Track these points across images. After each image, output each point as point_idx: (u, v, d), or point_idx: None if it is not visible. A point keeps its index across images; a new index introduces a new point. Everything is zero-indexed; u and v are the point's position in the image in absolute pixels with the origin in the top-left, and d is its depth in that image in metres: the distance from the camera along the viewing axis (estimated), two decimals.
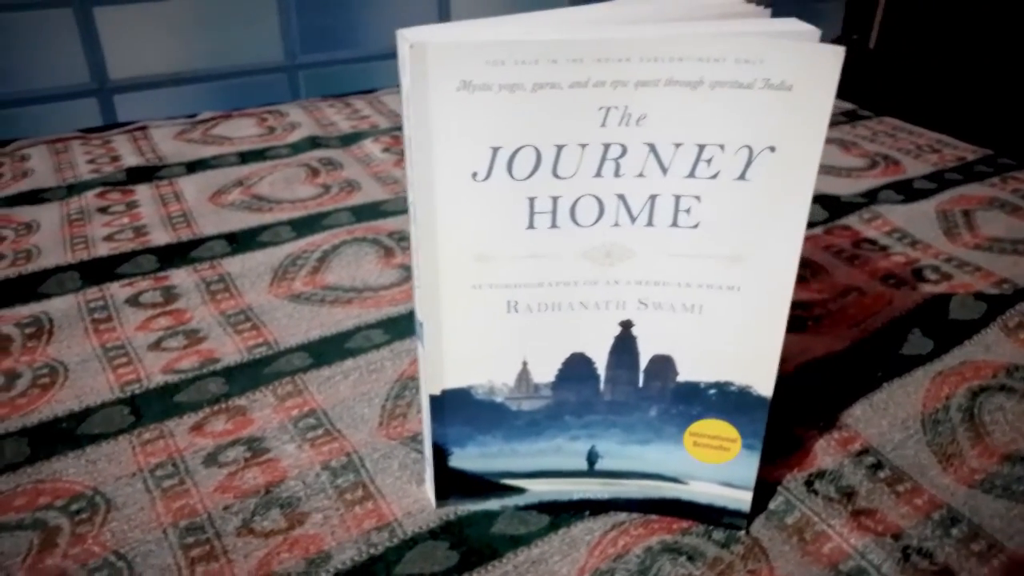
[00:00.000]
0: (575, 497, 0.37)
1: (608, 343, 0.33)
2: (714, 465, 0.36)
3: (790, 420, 0.43)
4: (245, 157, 0.75)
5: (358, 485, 0.39)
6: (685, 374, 0.34)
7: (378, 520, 0.37)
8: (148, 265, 0.57)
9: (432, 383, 0.34)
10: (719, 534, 0.36)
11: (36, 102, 0.86)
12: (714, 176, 0.29)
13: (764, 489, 0.38)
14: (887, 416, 0.44)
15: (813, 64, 0.27)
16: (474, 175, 0.29)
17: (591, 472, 0.37)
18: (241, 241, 0.60)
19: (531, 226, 0.30)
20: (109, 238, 0.61)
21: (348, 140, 0.80)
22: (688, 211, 0.30)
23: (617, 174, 0.30)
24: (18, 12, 0.82)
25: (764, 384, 0.33)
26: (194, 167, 0.73)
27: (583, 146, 0.29)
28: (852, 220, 0.65)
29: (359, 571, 0.34)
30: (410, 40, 0.27)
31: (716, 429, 0.35)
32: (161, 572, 0.34)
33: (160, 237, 0.61)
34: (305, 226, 0.63)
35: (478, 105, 0.28)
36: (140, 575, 0.34)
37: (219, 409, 0.43)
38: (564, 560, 0.35)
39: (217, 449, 0.41)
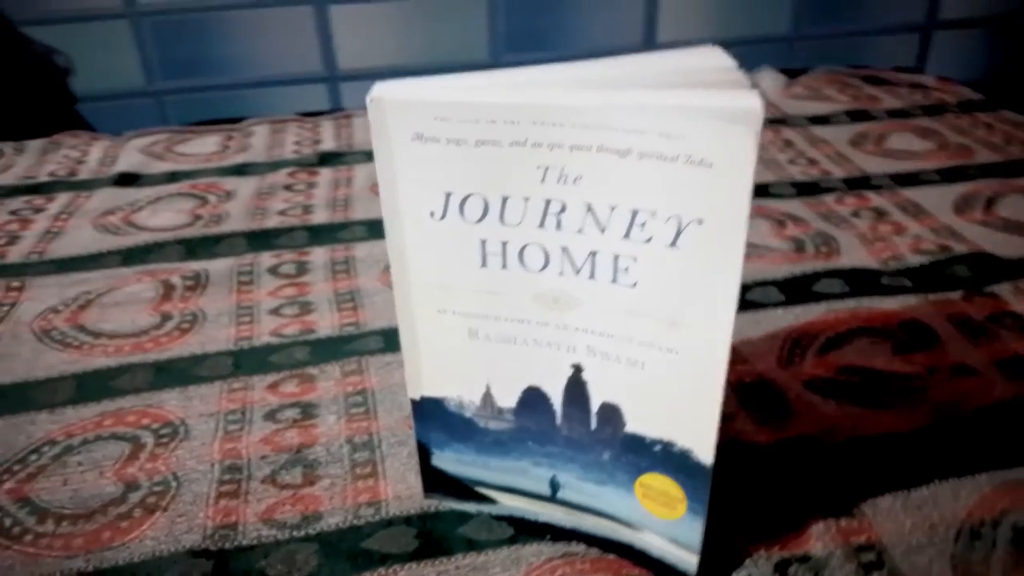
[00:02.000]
0: (540, 519, 0.40)
1: (562, 382, 0.35)
2: (663, 520, 0.36)
3: (798, 493, 0.41)
4: None
5: (369, 463, 0.44)
6: (632, 426, 0.35)
7: (371, 496, 0.42)
8: (300, 240, 0.67)
9: (413, 389, 0.38)
10: None
11: (273, 85, 1.02)
12: (648, 241, 0.30)
13: (731, 557, 0.38)
14: (917, 515, 0.40)
15: (729, 143, 0.27)
16: (432, 214, 0.33)
17: (554, 499, 0.39)
18: (377, 229, 0.68)
19: (484, 265, 0.33)
20: (282, 213, 0.72)
21: None
22: (627, 270, 0.31)
23: (559, 228, 0.31)
24: (263, 9, 0.98)
25: (704, 451, 0.33)
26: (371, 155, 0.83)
27: (526, 199, 0.31)
28: (1003, 289, 0.57)
29: (336, 535, 0.40)
30: (373, 94, 0.31)
31: (663, 484, 0.35)
32: (195, 496, 0.42)
33: (320, 217, 0.71)
34: None
35: (430, 154, 0.31)
36: (182, 496, 0.42)
37: (295, 374, 0.51)
38: (502, 574, 0.37)
39: (279, 407, 0.48)
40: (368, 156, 0.82)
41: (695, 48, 0.33)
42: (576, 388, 0.35)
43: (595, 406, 0.35)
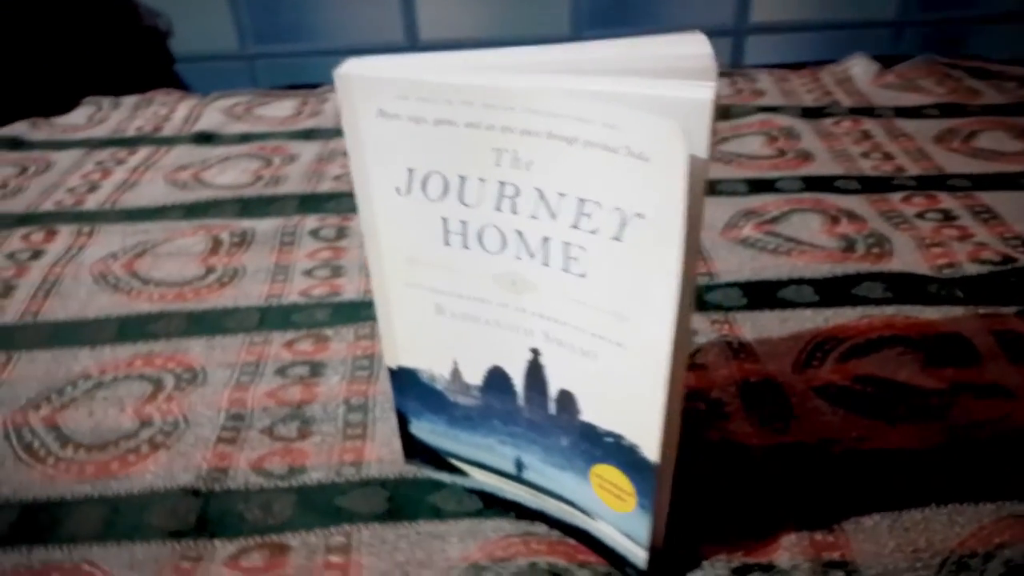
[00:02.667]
0: (508, 496, 0.40)
1: (523, 365, 0.35)
2: (615, 511, 0.36)
3: (778, 501, 0.40)
4: None
5: (360, 425, 0.46)
6: (586, 415, 0.34)
7: (355, 457, 0.44)
8: (345, 206, 0.69)
9: (389, 358, 0.39)
10: None
11: (356, 53, 1.04)
12: (594, 232, 0.30)
13: (688, 557, 0.37)
14: (902, 538, 0.38)
15: (661, 138, 0.26)
16: (397, 189, 0.33)
17: (519, 479, 0.39)
18: None
19: (447, 243, 0.34)
20: (336, 178, 0.74)
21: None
22: (576, 260, 0.31)
23: (514, 211, 0.31)
24: None
25: (649, 449, 0.32)
26: None
27: (482, 180, 0.31)
28: None
29: (315, 489, 0.42)
30: (340, 70, 0.32)
31: (614, 477, 0.35)
32: (196, 439, 0.45)
33: None
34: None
35: (393, 131, 0.32)
36: (186, 437, 0.45)
37: (312, 334, 0.53)
38: (458, 544, 0.38)
39: (291, 364, 0.51)
40: None
41: (680, 34, 0.32)
42: (535, 372, 0.35)
43: (553, 391, 0.35)
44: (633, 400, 0.32)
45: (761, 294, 0.56)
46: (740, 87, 0.91)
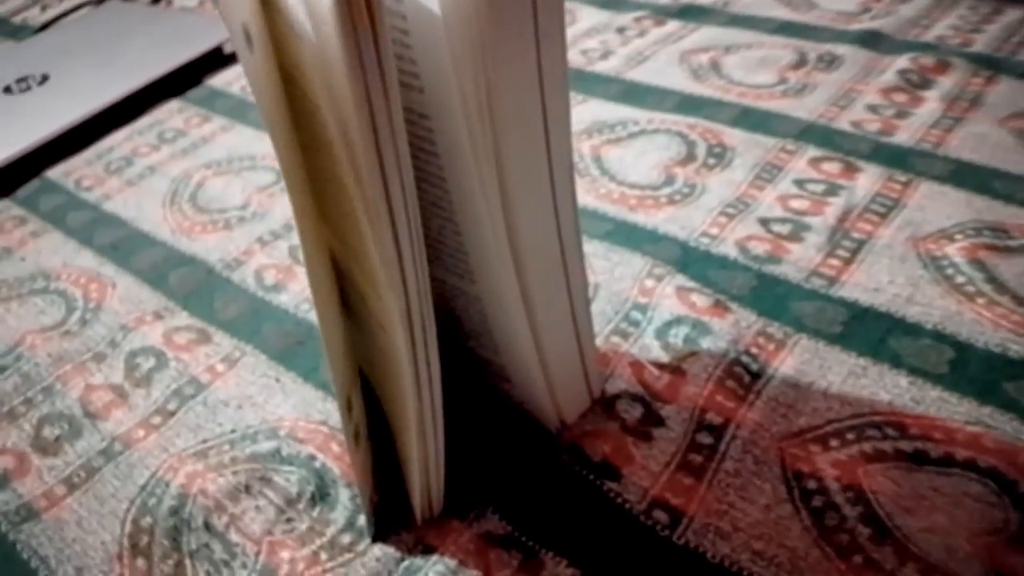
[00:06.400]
0: None
1: None
2: None
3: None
4: None
5: (850, 251, 0.46)
6: None
7: (832, 273, 0.44)
8: (955, 62, 0.63)
9: None
10: None
11: None
12: None
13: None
14: None
15: None
16: None
17: None
18: None
19: None
20: (955, 28, 0.67)
21: None
22: None
23: None
24: None
25: None
26: None
27: None
28: None
29: (762, 290, 0.44)
30: None
31: None
32: (700, 210, 0.51)
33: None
34: None
35: None
36: (692, 203, 0.51)
37: (844, 160, 0.53)
38: None
39: (810, 180, 0.52)
40: None
41: None
42: None
43: None
44: None
45: None
46: None
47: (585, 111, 0.62)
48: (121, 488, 0.39)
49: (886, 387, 0.38)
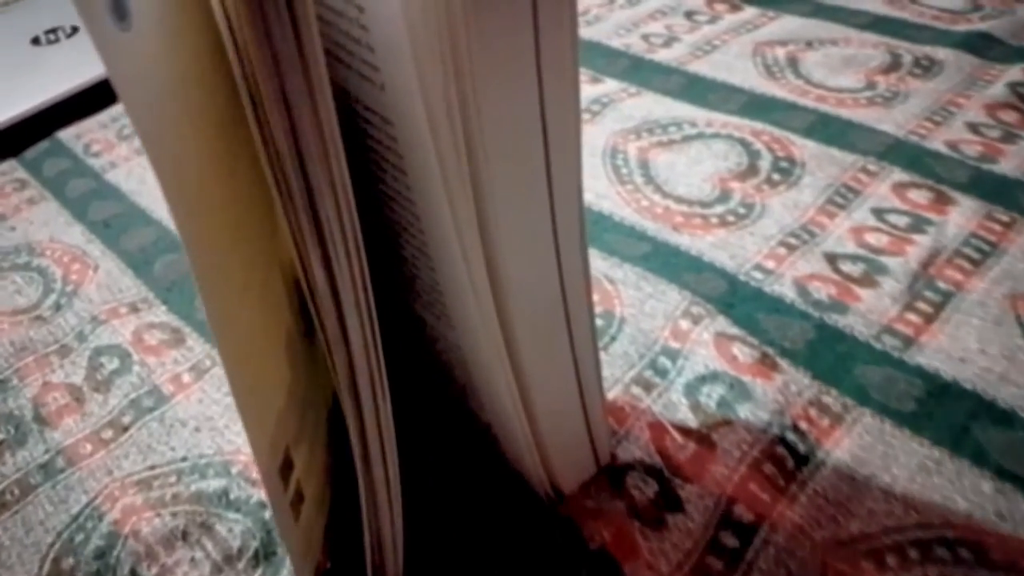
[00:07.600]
0: None
1: None
2: None
3: None
4: None
5: (934, 306, 0.38)
6: None
7: (907, 332, 0.36)
8: None
9: None
10: None
11: None
12: None
13: None
14: None
15: None
16: None
17: None
18: None
19: None
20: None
21: None
22: None
23: None
24: None
25: None
26: None
27: None
28: None
29: (840, 336, 0.37)
30: None
31: None
32: (758, 238, 0.43)
33: None
34: None
35: None
36: (751, 226, 0.44)
37: (935, 189, 0.44)
38: None
39: (891, 209, 0.44)
40: None
41: None
42: None
43: None
44: None
45: None
46: None
47: (636, 106, 0.55)
48: (52, 515, 0.34)
49: (965, 491, 0.30)
